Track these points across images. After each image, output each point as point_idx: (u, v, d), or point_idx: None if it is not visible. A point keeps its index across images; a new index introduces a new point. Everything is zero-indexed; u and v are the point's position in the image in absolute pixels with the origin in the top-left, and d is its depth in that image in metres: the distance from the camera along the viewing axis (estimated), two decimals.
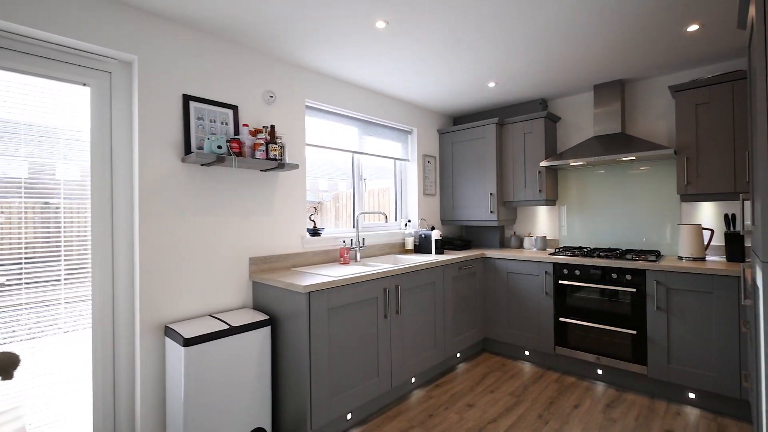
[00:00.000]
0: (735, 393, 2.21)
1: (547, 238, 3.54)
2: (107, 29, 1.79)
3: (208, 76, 2.15)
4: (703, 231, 2.75)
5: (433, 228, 3.42)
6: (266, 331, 2.04)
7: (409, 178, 3.65)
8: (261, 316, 2.07)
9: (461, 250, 3.46)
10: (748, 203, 2.59)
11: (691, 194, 2.58)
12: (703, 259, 2.58)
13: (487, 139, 3.49)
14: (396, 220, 3.57)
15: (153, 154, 1.92)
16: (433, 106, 3.61)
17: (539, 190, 3.28)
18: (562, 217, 3.45)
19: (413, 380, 2.65)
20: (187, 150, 2.02)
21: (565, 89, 3.22)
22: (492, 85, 3.06)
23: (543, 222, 3.58)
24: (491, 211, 3.45)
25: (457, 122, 4.04)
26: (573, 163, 2.98)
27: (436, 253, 3.16)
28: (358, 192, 3.17)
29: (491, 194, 3.45)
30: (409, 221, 3.47)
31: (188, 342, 1.74)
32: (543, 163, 3.12)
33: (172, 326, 1.87)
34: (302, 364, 1.95)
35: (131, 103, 1.93)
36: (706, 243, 2.72)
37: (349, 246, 2.85)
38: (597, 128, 3.07)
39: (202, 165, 2.09)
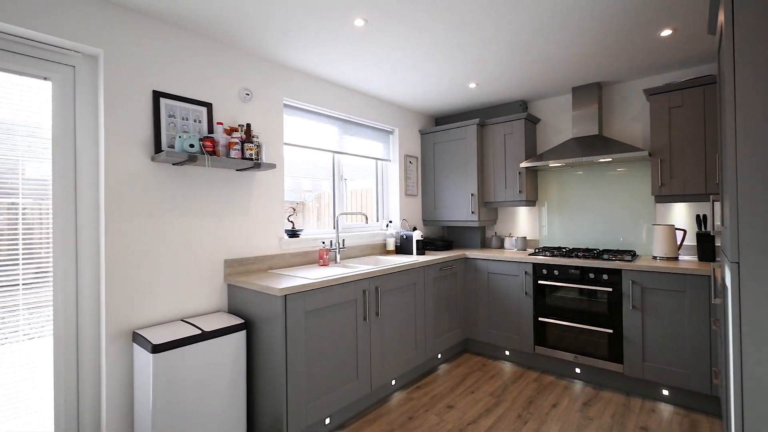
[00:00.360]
0: (706, 389, 2.26)
1: (528, 238, 3.57)
2: (70, 21, 1.70)
3: (180, 72, 2.07)
4: (677, 231, 2.82)
5: (414, 229, 3.40)
6: (241, 335, 1.99)
7: (390, 178, 3.62)
8: (236, 320, 2.01)
9: (443, 250, 3.46)
10: (718, 204, 2.67)
11: (664, 195, 2.63)
12: (676, 258, 2.64)
13: (468, 140, 3.50)
14: (377, 220, 3.54)
15: (120, 152, 1.84)
16: (415, 106, 3.60)
17: (519, 191, 3.30)
18: (542, 217, 3.49)
19: (394, 382, 2.63)
20: (158, 148, 1.94)
21: (544, 91, 3.25)
22: (473, 86, 3.07)
23: (523, 222, 3.61)
24: (472, 212, 3.46)
25: (439, 123, 4.04)
26: (552, 164, 3.01)
27: (417, 254, 3.14)
28: (339, 192, 3.13)
29: (472, 195, 3.46)
30: (391, 222, 3.45)
31: (157, 348, 1.67)
32: (523, 164, 3.14)
33: (140, 332, 1.79)
34: (278, 369, 1.90)
35: (97, 99, 1.84)
36: (679, 243, 2.79)
37: (328, 247, 2.80)
38: (575, 130, 3.11)
39: (173, 164, 2.02)
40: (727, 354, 1.42)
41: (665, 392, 2.45)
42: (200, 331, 1.83)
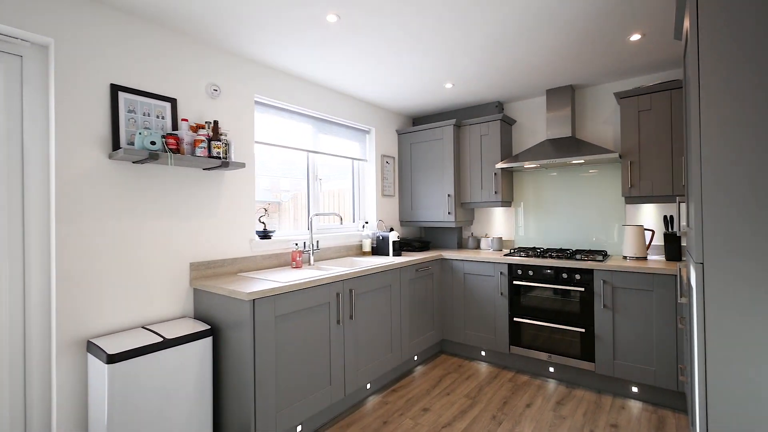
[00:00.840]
0: (673, 386, 2.32)
1: (504, 238, 3.59)
2: (17, 7, 1.58)
3: (142, 65, 1.96)
4: (645, 231, 2.89)
5: (391, 229, 3.37)
6: (207, 342, 1.90)
7: (367, 178, 3.57)
8: (201, 326, 1.92)
9: (419, 251, 3.44)
10: (684, 206, 2.75)
11: (634, 196, 2.69)
12: (645, 258, 2.70)
13: (445, 141, 3.49)
14: (354, 221, 3.48)
15: (73, 149, 1.72)
16: (392, 105, 3.57)
17: (495, 192, 3.32)
18: (518, 218, 3.52)
19: (369, 386, 2.58)
20: (116, 146, 1.83)
21: (520, 93, 3.28)
22: (449, 86, 3.06)
23: (499, 223, 3.63)
24: (449, 213, 3.45)
25: (417, 123, 4.03)
26: (527, 165, 3.04)
27: (393, 255, 3.11)
28: (314, 193, 3.05)
29: (449, 195, 3.45)
30: (367, 223, 3.40)
31: (112, 358, 1.57)
32: (499, 165, 3.15)
33: (95, 341, 1.68)
34: (246, 377, 1.83)
35: (47, 92, 1.72)
36: (647, 243, 2.86)
37: (301, 249, 2.73)
38: (549, 132, 3.14)
39: (133, 162, 1.90)
40: (693, 351, 1.44)
41: (635, 389, 2.50)
42: (161, 339, 1.73)
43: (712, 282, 1.19)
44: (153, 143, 1.81)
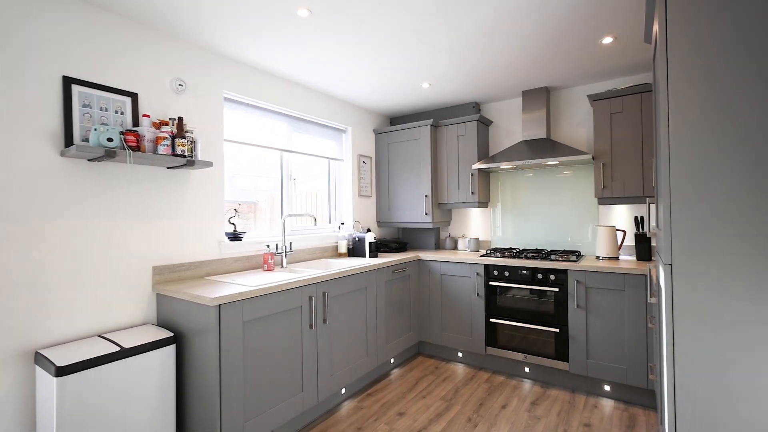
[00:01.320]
0: (643, 384, 2.36)
1: (480, 239, 3.60)
2: None
3: (99, 57, 1.84)
4: (617, 232, 2.94)
5: (368, 230, 3.32)
6: (169, 350, 1.80)
7: (343, 178, 3.51)
8: (164, 334, 1.82)
9: (396, 252, 3.40)
10: (654, 206, 2.81)
11: (606, 197, 2.73)
12: (617, 258, 2.75)
13: (422, 141, 3.46)
14: (330, 222, 3.41)
15: (19, 145, 1.60)
16: (369, 105, 3.51)
17: (472, 192, 3.31)
18: (495, 218, 3.53)
19: (343, 391, 2.53)
20: (69, 142, 1.71)
21: (496, 94, 3.28)
22: (426, 86, 3.03)
23: (476, 223, 3.63)
24: (426, 213, 3.43)
25: (394, 123, 3.99)
26: (503, 166, 3.04)
27: (370, 257, 3.06)
28: (287, 193, 2.97)
29: (426, 196, 3.43)
30: (343, 224, 3.34)
31: (62, 371, 1.46)
32: (476, 166, 3.15)
33: (44, 352, 1.56)
34: (211, 386, 1.74)
35: None
36: (619, 243, 2.91)
37: (274, 251, 2.65)
38: (525, 133, 3.16)
39: (89, 160, 1.79)
40: (662, 351, 1.45)
41: (607, 388, 2.53)
42: (118, 348, 1.63)
43: (680, 283, 1.20)
44: (110, 140, 1.70)
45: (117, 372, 1.61)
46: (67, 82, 1.72)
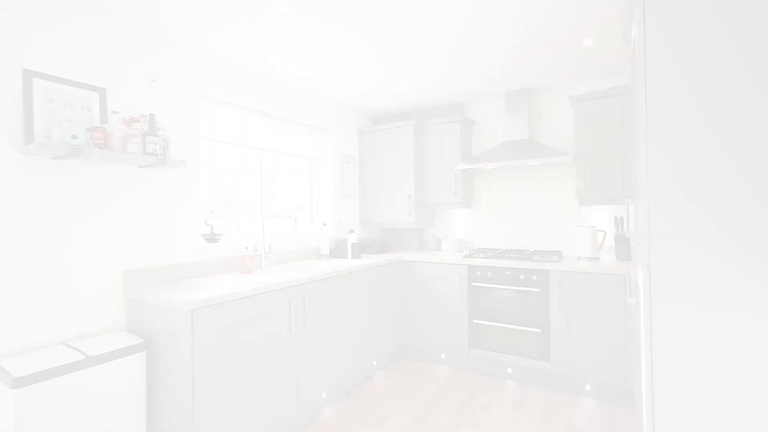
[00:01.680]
0: (623, 383, 2.38)
1: (464, 240, 3.59)
2: None
3: (64, 49, 1.75)
4: (598, 233, 2.97)
5: (351, 231, 3.27)
6: (139, 358, 1.72)
7: (326, 178, 3.45)
8: (134, 341, 1.74)
9: (380, 253, 3.36)
10: (632, 208, 2.84)
11: (587, 198, 2.75)
12: (597, 258, 2.77)
13: (405, 141, 3.44)
14: (312, 223, 3.35)
15: None
16: (352, 104, 3.47)
17: (455, 193, 3.30)
18: (479, 218, 3.53)
19: (324, 395, 2.47)
20: (30, 139, 1.61)
21: (479, 95, 3.28)
22: (409, 86, 3.00)
23: (460, 224, 3.63)
24: (409, 214, 3.40)
25: (378, 123, 3.95)
26: (486, 166, 3.04)
27: (352, 258, 3.02)
28: (268, 193, 2.90)
29: (409, 196, 3.40)
30: (325, 224, 3.28)
31: (19, 382, 1.37)
32: (459, 166, 3.14)
33: (0, 362, 1.47)
34: (183, 395, 1.67)
35: None
36: (600, 244, 2.94)
37: (253, 253, 2.57)
38: (508, 134, 3.17)
39: (53, 158, 1.69)
40: (640, 350, 1.46)
41: (588, 387, 2.55)
42: (83, 356, 1.54)
43: (658, 284, 1.20)
44: (74, 137, 1.61)
45: (82, 382, 1.52)
46: (28, 75, 1.63)
